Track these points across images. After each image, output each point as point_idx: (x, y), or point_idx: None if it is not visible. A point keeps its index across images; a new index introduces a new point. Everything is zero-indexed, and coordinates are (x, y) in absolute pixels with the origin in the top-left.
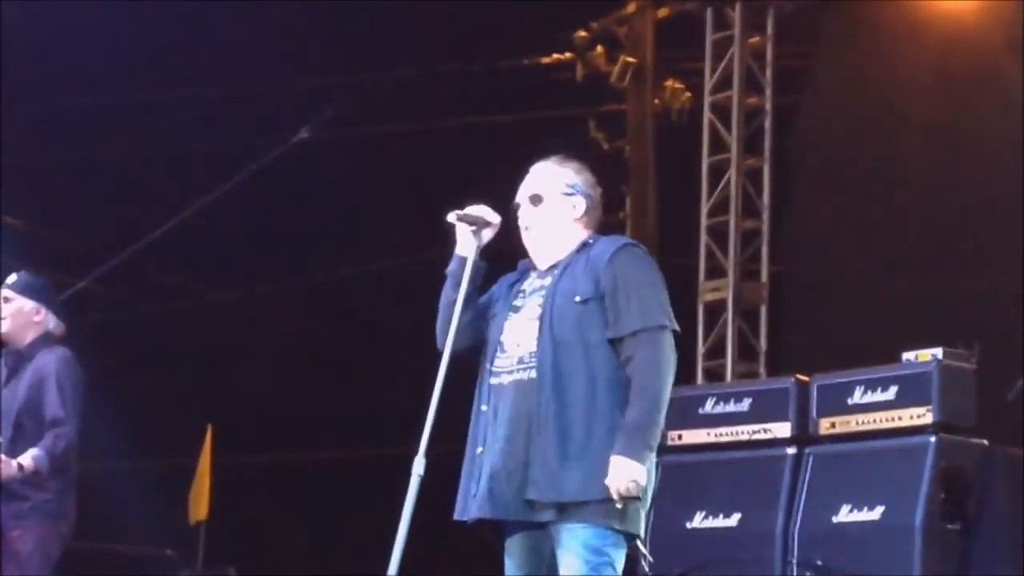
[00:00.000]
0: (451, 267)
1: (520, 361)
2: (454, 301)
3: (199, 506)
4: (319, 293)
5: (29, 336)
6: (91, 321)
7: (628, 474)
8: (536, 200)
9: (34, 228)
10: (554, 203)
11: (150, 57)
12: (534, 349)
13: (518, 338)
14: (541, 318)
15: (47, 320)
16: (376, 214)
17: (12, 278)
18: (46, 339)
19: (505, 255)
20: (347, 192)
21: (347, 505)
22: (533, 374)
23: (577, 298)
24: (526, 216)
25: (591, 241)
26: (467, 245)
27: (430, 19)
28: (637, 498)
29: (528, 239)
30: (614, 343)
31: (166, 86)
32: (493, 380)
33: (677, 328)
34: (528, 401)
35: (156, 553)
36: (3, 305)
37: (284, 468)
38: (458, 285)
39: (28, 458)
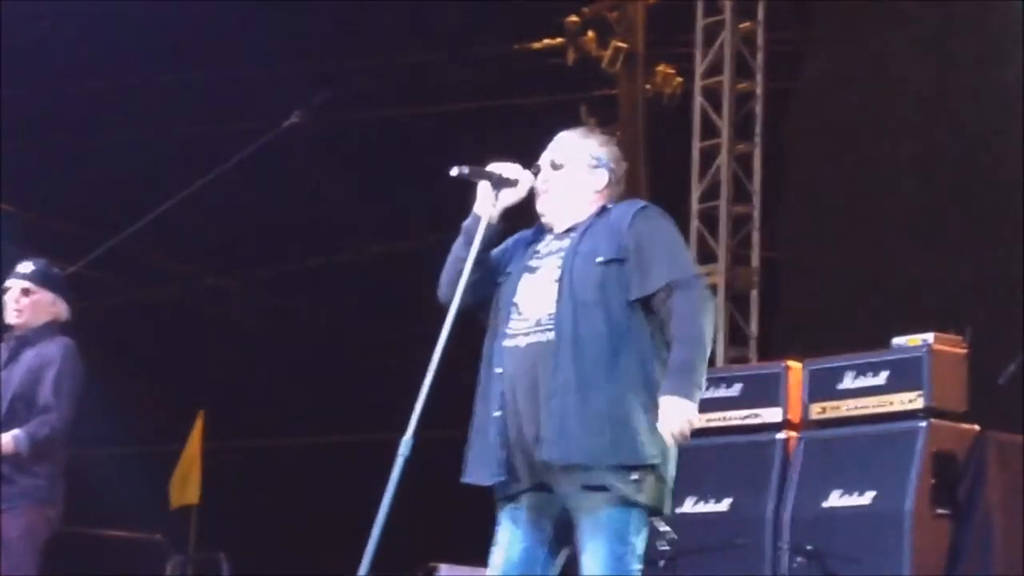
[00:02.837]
0: (466, 223)
1: (538, 323)
2: (462, 259)
3: (186, 491)
4: (314, 278)
5: (38, 323)
6: (84, 306)
7: (681, 413)
8: (558, 166)
9: (28, 213)
10: (576, 171)
11: (144, 44)
12: (553, 311)
13: (535, 300)
14: (560, 280)
15: (61, 310)
16: (370, 199)
17: (29, 268)
18: (51, 327)
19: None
20: (340, 177)
21: (338, 490)
22: (551, 336)
23: (599, 259)
24: (545, 179)
25: (609, 206)
26: (486, 204)
27: (422, 5)
28: (660, 469)
29: (543, 202)
30: (639, 304)
31: (159, 72)
32: (508, 343)
33: (705, 280)
34: (546, 364)
35: (147, 538)
36: (23, 298)
37: (275, 454)
38: (469, 243)
39: (8, 437)
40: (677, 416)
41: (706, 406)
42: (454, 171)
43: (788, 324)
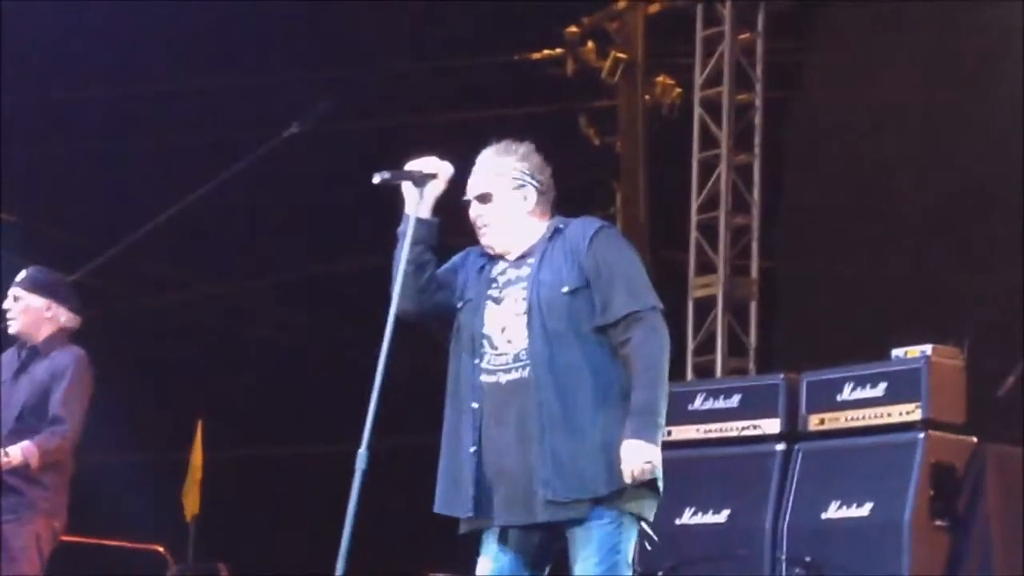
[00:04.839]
0: (400, 227)
1: (516, 359)
2: (404, 261)
3: (191, 501)
4: (313, 287)
5: (43, 332)
6: (84, 314)
7: (643, 456)
8: (485, 199)
9: (28, 223)
10: (504, 198)
11: (143, 52)
12: (527, 346)
13: (508, 334)
14: (529, 312)
15: (58, 315)
16: (368, 209)
17: (21, 275)
18: (60, 335)
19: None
20: (339, 187)
21: (338, 500)
22: (530, 372)
23: (565, 288)
24: (478, 215)
25: (561, 226)
26: (413, 203)
27: (421, 15)
28: (655, 479)
29: (485, 238)
30: (602, 330)
31: (159, 81)
32: (486, 378)
33: (663, 307)
34: (529, 400)
35: (146, 548)
36: (13, 305)
37: (275, 463)
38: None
39: (17, 449)
40: (637, 459)
41: (705, 417)
42: (376, 178)
43: (787, 335)
